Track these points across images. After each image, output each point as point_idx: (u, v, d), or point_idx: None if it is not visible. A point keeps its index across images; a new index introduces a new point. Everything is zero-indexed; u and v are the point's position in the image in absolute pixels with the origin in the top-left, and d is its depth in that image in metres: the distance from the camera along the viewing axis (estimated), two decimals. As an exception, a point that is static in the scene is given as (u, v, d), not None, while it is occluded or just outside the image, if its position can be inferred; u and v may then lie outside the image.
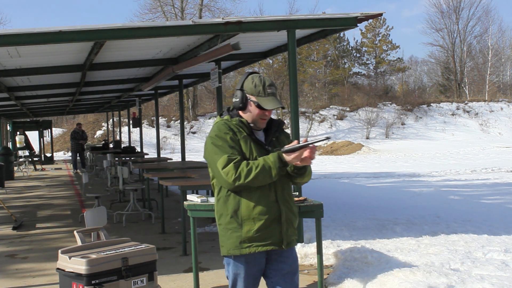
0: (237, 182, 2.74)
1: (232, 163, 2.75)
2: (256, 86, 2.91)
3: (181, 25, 6.77)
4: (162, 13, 43.45)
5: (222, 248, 2.93)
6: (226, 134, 2.84)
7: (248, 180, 2.73)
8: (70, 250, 3.79)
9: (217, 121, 2.98)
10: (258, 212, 2.81)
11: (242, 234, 2.82)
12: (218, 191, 2.91)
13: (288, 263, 2.95)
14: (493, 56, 53.93)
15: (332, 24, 6.93)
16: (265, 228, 2.83)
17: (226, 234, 2.87)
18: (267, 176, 2.75)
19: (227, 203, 2.85)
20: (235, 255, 2.86)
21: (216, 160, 2.79)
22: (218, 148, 2.81)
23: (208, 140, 2.88)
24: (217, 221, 2.97)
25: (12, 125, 25.57)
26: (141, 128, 19.78)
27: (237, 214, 2.83)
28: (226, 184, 2.78)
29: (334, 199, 10.43)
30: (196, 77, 13.08)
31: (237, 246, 2.84)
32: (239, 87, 2.95)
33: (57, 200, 12.03)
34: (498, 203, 10.82)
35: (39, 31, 5.80)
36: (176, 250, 6.63)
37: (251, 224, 2.81)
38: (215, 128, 2.91)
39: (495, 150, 33.00)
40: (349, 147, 35.26)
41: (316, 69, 52.00)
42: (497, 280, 4.49)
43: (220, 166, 2.77)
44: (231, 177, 2.73)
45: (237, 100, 2.93)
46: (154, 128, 35.80)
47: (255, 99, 2.90)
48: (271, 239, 2.85)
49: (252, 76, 2.94)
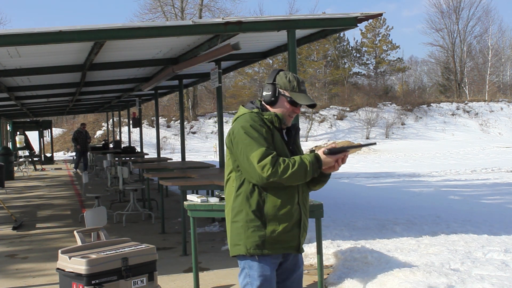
0: (272, 178, 2.60)
1: (270, 157, 2.61)
2: (291, 81, 2.83)
3: (181, 25, 6.77)
4: (162, 13, 43.46)
5: (237, 247, 2.74)
6: (261, 126, 2.72)
7: (284, 177, 2.61)
8: (70, 250, 3.79)
9: (245, 112, 2.83)
10: (284, 213, 2.71)
11: (266, 233, 2.69)
12: (239, 186, 2.74)
13: (299, 267, 2.91)
14: (493, 56, 53.94)
15: (332, 24, 6.93)
16: (289, 230, 2.73)
17: (246, 232, 2.70)
18: (302, 176, 2.66)
19: (250, 199, 2.70)
20: (258, 255, 2.71)
21: (249, 152, 2.64)
22: (254, 140, 2.66)
23: (239, 130, 2.71)
24: (231, 218, 2.77)
25: (12, 125, 25.56)
26: (141, 128, 19.78)
27: (261, 212, 2.69)
28: (259, 178, 2.62)
29: (334, 199, 10.42)
30: (196, 77, 13.08)
31: (258, 246, 2.69)
32: (270, 81, 2.85)
33: (57, 200, 12.03)
34: (498, 203, 10.83)
35: (39, 31, 5.80)
36: (176, 250, 6.63)
37: (275, 224, 2.70)
38: (247, 118, 2.76)
39: (495, 150, 33.01)
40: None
41: (316, 69, 52.00)
42: (497, 280, 4.49)
43: (255, 158, 2.62)
44: (267, 171, 2.59)
45: (269, 94, 2.83)
46: (154, 128, 35.80)
47: (289, 94, 2.82)
48: (291, 242, 2.77)
49: (285, 72, 2.88)
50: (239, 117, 2.83)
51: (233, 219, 2.75)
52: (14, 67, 9.06)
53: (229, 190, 2.82)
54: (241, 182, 2.74)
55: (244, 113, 2.82)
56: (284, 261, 2.84)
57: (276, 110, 2.84)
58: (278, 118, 2.79)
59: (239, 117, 2.83)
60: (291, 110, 2.84)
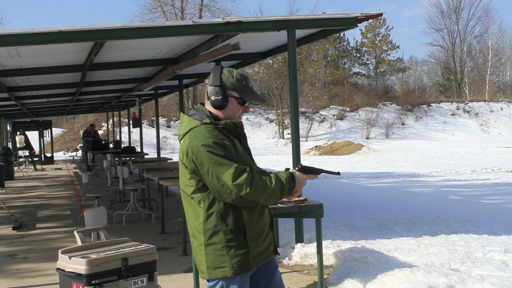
0: (250, 196, 2.43)
1: (246, 175, 2.42)
2: (239, 80, 2.60)
3: (181, 25, 6.77)
4: (162, 13, 43.48)
5: (220, 270, 2.52)
6: (222, 140, 2.49)
7: (262, 197, 2.46)
8: (70, 250, 3.79)
9: (196, 125, 2.56)
10: (261, 223, 2.59)
11: (249, 249, 2.53)
12: (209, 206, 2.51)
13: (277, 267, 2.79)
14: (493, 56, 53.95)
15: (332, 24, 6.93)
16: (266, 237, 2.63)
17: (228, 253, 2.50)
18: (279, 194, 2.51)
19: (226, 218, 2.50)
20: (246, 272, 2.55)
21: (220, 172, 2.42)
22: (222, 157, 2.44)
23: (200, 150, 2.45)
24: (204, 240, 2.53)
25: (12, 125, 25.56)
26: (141, 128, 19.78)
27: (240, 229, 2.52)
28: (235, 197, 2.44)
29: (334, 199, 10.42)
30: (196, 77, 13.08)
31: (245, 263, 2.52)
32: (218, 83, 2.58)
33: (57, 200, 12.03)
34: (498, 203, 10.82)
35: (39, 31, 5.80)
36: (176, 250, 6.63)
37: (256, 236, 2.56)
38: (205, 133, 2.49)
39: (495, 150, 33.00)
40: (349, 147, 35.27)
41: (316, 69, 52.03)
42: (497, 280, 4.49)
43: (229, 178, 2.41)
44: (244, 190, 2.41)
45: (219, 98, 2.58)
46: (154, 128, 35.80)
47: (237, 94, 2.61)
48: (270, 247, 2.67)
49: (228, 70, 2.63)
50: (190, 132, 2.55)
51: (208, 242, 2.52)
52: (14, 67, 9.07)
53: (195, 212, 2.57)
54: (211, 202, 2.51)
55: (195, 126, 2.56)
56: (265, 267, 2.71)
57: (226, 114, 2.63)
58: (234, 125, 2.59)
59: (191, 131, 2.56)
60: (241, 110, 2.66)
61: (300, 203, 4.66)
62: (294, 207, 4.61)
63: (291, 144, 6.67)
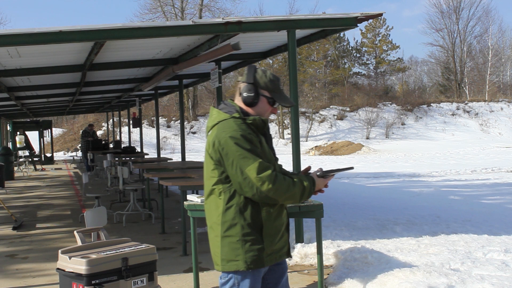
0: (271, 193, 2.47)
1: (270, 172, 2.47)
2: (272, 80, 2.67)
3: (181, 25, 6.77)
4: (162, 13, 43.50)
5: (234, 263, 2.56)
6: (250, 135, 2.54)
7: (283, 197, 2.50)
8: (70, 250, 3.79)
9: (225, 118, 2.62)
10: (278, 222, 2.63)
11: (264, 245, 2.56)
12: (229, 198, 2.56)
13: (286, 270, 2.84)
14: (493, 56, 53.97)
15: (332, 24, 6.93)
16: (282, 237, 2.67)
17: (243, 246, 2.54)
18: (298, 197, 2.55)
19: (244, 212, 2.54)
20: (259, 268, 2.58)
21: (245, 165, 2.46)
22: (247, 151, 2.48)
23: (228, 141, 2.50)
24: (221, 232, 2.58)
25: (12, 125, 25.57)
26: (141, 128, 19.77)
27: (257, 224, 2.55)
28: (256, 192, 2.48)
29: (334, 199, 10.42)
30: (196, 77, 13.08)
31: (258, 259, 2.55)
32: (251, 81, 2.65)
33: (57, 200, 12.03)
34: (498, 203, 10.82)
35: (39, 31, 5.80)
36: (176, 250, 6.63)
37: (272, 234, 2.60)
38: (233, 126, 2.55)
39: (495, 150, 33.00)
40: (349, 147, 35.27)
41: (316, 69, 52.02)
42: (497, 280, 4.49)
43: (253, 172, 2.46)
44: (266, 186, 2.45)
45: (251, 95, 2.64)
46: (154, 128, 35.80)
47: (269, 94, 2.67)
48: (284, 248, 2.71)
49: (263, 70, 2.70)
50: (219, 124, 2.61)
51: (225, 234, 2.57)
52: (14, 67, 9.07)
53: (215, 203, 2.61)
54: (232, 194, 2.56)
55: (224, 119, 2.61)
56: (276, 268, 2.76)
57: (256, 111, 2.68)
58: (263, 122, 2.64)
59: (220, 123, 2.61)
60: (270, 110, 2.72)
61: (300, 203, 4.65)
62: (294, 207, 4.60)
63: (291, 144, 6.67)
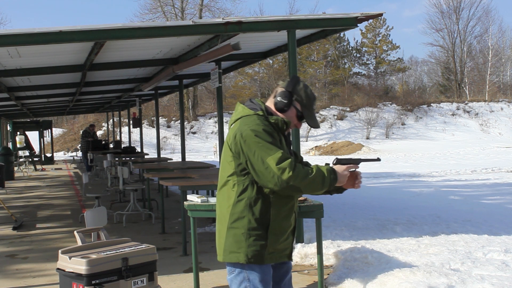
0: (291, 181, 2.49)
1: (289, 161, 2.50)
2: (308, 96, 2.74)
3: (181, 25, 6.77)
4: (162, 13, 43.50)
5: (235, 255, 2.62)
6: (273, 130, 2.61)
7: (303, 182, 2.51)
8: (70, 250, 3.79)
9: (249, 113, 2.68)
10: (286, 223, 2.67)
11: (267, 243, 2.61)
12: (242, 191, 2.61)
13: (290, 269, 2.89)
14: (493, 56, 53.96)
15: (332, 24, 6.93)
16: (286, 239, 2.71)
17: (247, 240, 2.59)
18: (320, 184, 2.57)
19: (253, 207, 2.59)
20: (257, 264, 2.62)
21: (266, 155, 2.50)
22: (269, 143, 2.54)
23: (249, 133, 2.55)
24: (228, 223, 2.64)
25: (12, 125, 25.57)
26: (141, 128, 19.78)
27: (264, 221, 2.60)
28: (277, 181, 2.49)
29: (334, 199, 10.41)
30: (196, 77, 13.08)
31: (260, 254, 2.61)
32: (290, 89, 2.72)
33: (57, 200, 12.03)
34: (498, 203, 10.82)
35: (39, 31, 5.80)
36: (176, 250, 6.63)
37: (277, 234, 2.63)
38: (256, 121, 2.61)
39: (495, 150, 33.00)
40: (349, 147, 35.27)
41: (316, 69, 52.03)
42: (497, 280, 4.49)
43: (273, 161, 2.49)
44: (287, 174, 2.47)
45: (285, 102, 2.71)
46: (154, 128, 35.79)
47: (300, 108, 2.74)
48: (286, 250, 2.74)
49: (305, 84, 2.77)
50: (243, 118, 2.67)
51: (231, 225, 2.62)
52: (14, 67, 9.07)
53: (227, 194, 2.66)
54: (244, 188, 2.61)
55: (248, 114, 2.68)
56: (279, 268, 2.81)
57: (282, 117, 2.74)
58: (285, 123, 2.69)
59: (243, 118, 2.68)
60: (295, 123, 2.79)
61: (300, 203, 4.65)
62: (294, 207, 4.59)
63: (291, 144, 6.66)
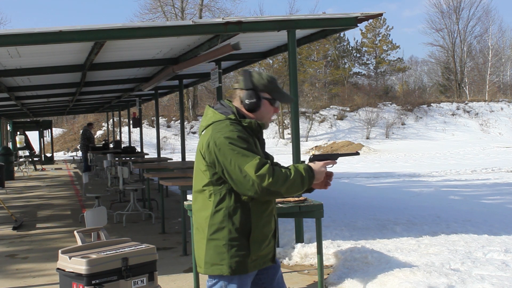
0: (272, 187, 2.43)
1: (268, 166, 2.43)
2: (269, 81, 2.64)
3: (181, 25, 6.77)
4: (162, 13, 43.50)
5: (218, 267, 2.55)
6: (247, 136, 2.53)
7: (284, 187, 2.46)
8: (70, 250, 3.79)
9: (221, 119, 2.58)
10: (266, 229, 2.61)
11: (250, 252, 2.54)
12: (219, 201, 2.53)
13: (279, 267, 2.83)
14: (493, 56, 53.94)
15: (332, 24, 6.93)
16: (268, 244, 2.64)
17: (229, 251, 2.52)
18: (300, 185, 2.52)
19: (233, 217, 2.51)
20: (243, 274, 2.56)
21: (243, 163, 2.43)
22: (245, 149, 2.46)
23: (223, 141, 2.47)
24: (207, 235, 2.55)
25: (12, 125, 25.57)
26: (141, 128, 19.78)
27: (245, 230, 2.53)
28: (257, 188, 2.43)
29: (334, 199, 10.42)
30: (196, 77, 13.08)
31: (243, 265, 2.53)
32: (250, 86, 2.62)
33: (57, 200, 12.03)
34: (498, 203, 10.82)
35: (39, 31, 5.80)
36: (176, 250, 6.63)
37: (259, 241, 2.57)
38: (229, 127, 2.52)
39: (495, 150, 32.99)
40: (349, 147, 35.26)
41: (316, 69, 51.99)
42: (497, 280, 4.49)
43: (251, 169, 2.42)
44: (267, 181, 2.41)
45: (253, 101, 2.61)
46: (154, 128, 35.79)
47: (269, 95, 2.65)
48: (269, 255, 2.68)
49: (257, 72, 2.67)
50: (214, 124, 2.58)
51: (211, 237, 2.54)
52: (14, 67, 9.07)
53: (203, 204, 2.58)
54: (222, 197, 2.53)
55: (220, 120, 2.58)
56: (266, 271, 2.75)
57: (259, 116, 2.65)
58: (259, 126, 2.60)
59: (214, 123, 2.58)
60: (273, 111, 2.69)
61: (300, 203, 4.66)
62: (294, 207, 4.60)
63: (291, 144, 6.67)
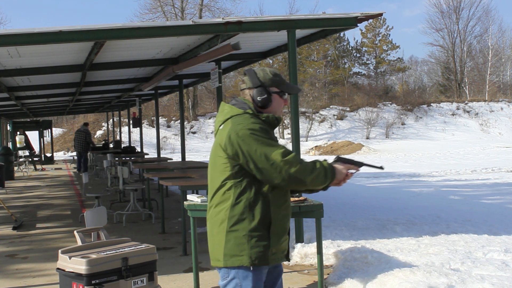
0: (299, 174, 2.47)
1: (294, 154, 2.51)
2: (275, 75, 2.69)
3: (181, 25, 6.77)
4: (162, 13, 43.50)
5: (238, 258, 2.54)
6: (267, 128, 2.59)
7: (310, 177, 2.50)
8: (70, 250, 3.79)
9: (239, 113, 2.62)
10: (286, 221, 2.64)
11: (270, 243, 2.55)
12: (240, 193, 2.56)
13: (281, 272, 2.85)
14: (493, 56, 53.97)
15: (332, 24, 6.93)
16: (285, 239, 2.68)
17: (249, 242, 2.52)
18: (323, 179, 2.55)
19: (254, 208, 2.53)
20: (262, 265, 2.56)
21: (269, 151, 2.47)
22: (269, 139, 2.52)
23: (246, 133, 2.50)
24: (227, 227, 2.56)
25: (12, 125, 25.57)
26: (141, 128, 19.78)
27: (265, 221, 2.54)
28: (285, 174, 2.47)
29: (334, 199, 10.42)
30: (196, 77, 13.08)
31: (264, 255, 2.54)
32: (258, 83, 2.66)
33: (57, 200, 12.03)
34: (498, 203, 10.82)
35: (39, 31, 5.80)
36: (176, 250, 6.63)
37: (278, 233, 2.59)
38: (251, 120, 2.56)
39: (495, 150, 32.99)
40: (349, 147, 35.26)
41: (316, 69, 51.99)
42: (497, 280, 4.49)
43: (278, 156, 2.46)
44: (294, 167, 2.46)
45: (264, 97, 2.64)
46: (154, 128, 35.80)
47: (278, 89, 2.69)
48: (285, 251, 2.71)
49: (260, 68, 2.72)
50: (233, 118, 2.61)
51: (231, 228, 2.55)
52: (14, 67, 9.07)
53: (223, 197, 2.61)
54: (242, 189, 2.56)
55: (238, 114, 2.62)
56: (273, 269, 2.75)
57: (271, 111, 2.69)
58: (276, 119, 2.66)
59: (233, 117, 2.61)
60: (283, 104, 2.74)
61: (300, 203, 4.66)
62: (294, 207, 4.60)
63: (291, 144, 6.66)
